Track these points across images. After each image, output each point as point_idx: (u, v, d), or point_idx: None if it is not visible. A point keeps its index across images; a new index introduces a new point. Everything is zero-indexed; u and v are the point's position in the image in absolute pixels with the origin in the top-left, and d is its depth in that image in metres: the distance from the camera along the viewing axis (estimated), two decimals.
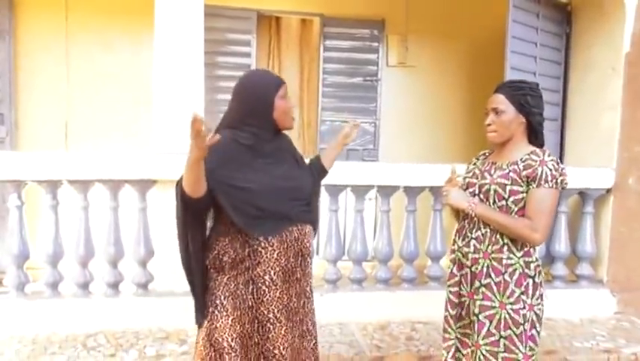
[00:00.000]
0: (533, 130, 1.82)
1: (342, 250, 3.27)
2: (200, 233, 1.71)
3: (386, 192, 3.26)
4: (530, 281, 1.76)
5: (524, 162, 1.75)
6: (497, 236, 1.77)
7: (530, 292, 1.75)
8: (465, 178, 1.91)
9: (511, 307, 1.74)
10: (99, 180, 2.91)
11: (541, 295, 1.79)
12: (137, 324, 2.91)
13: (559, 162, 1.76)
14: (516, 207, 1.76)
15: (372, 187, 3.25)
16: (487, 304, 1.77)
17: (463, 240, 1.86)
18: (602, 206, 3.53)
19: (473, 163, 1.97)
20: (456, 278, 1.88)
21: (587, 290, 3.47)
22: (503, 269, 1.76)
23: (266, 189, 1.64)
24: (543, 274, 1.83)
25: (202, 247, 1.72)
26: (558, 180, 1.73)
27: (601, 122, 3.59)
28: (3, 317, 2.82)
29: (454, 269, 1.89)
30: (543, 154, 1.75)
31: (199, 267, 1.72)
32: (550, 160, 1.73)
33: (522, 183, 1.75)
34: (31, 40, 4.25)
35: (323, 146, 4.58)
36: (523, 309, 1.74)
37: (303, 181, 1.79)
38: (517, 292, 1.74)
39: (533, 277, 1.76)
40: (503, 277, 1.76)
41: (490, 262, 1.78)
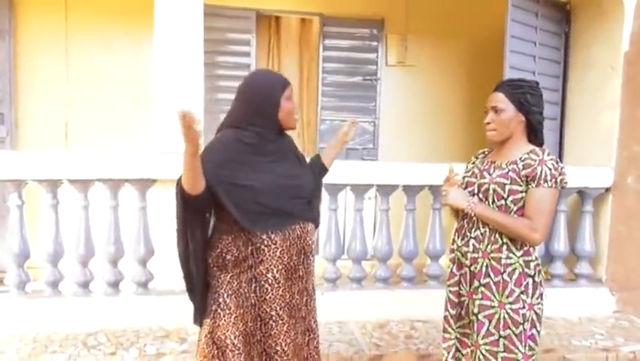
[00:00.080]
0: (533, 129, 1.81)
1: (341, 248, 3.27)
2: (201, 231, 1.71)
3: (385, 191, 3.27)
4: (530, 280, 1.75)
5: (523, 161, 1.74)
6: (496, 235, 1.77)
7: (530, 291, 1.75)
8: (464, 177, 1.91)
9: (510, 307, 1.73)
10: (99, 180, 2.92)
11: (542, 294, 1.78)
12: (137, 323, 2.92)
13: (558, 161, 1.75)
14: (515, 206, 1.75)
15: (371, 186, 3.26)
16: (487, 303, 1.77)
17: (463, 239, 1.86)
18: (601, 205, 3.53)
19: (472, 162, 1.96)
20: (456, 278, 1.88)
21: (586, 289, 3.48)
22: (502, 269, 1.75)
23: (268, 186, 1.65)
24: (543, 273, 1.82)
25: (202, 246, 1.72)
26: (557, 180, 1.72)
27: (600, 121, 3.59)
28: (4, 315, 2.83)
29: (454, 269, 1.89)
30: (542, 153, 1.74)
31: (199, 265, 1.72)
32: (550, 159, 1.72)
33: (521, 182, 1.74)
34: (31, 40, 4.26)
35: (323, 145, 4.59)
36: (523, 309, 1.73)
37: (304, 179, 1.80)
38: (516, 292, 1.73)
39: (533, 276, 1.76)
40: (502, 277, 1.75)
41: (489, 261, 1.77)
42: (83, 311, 2.90)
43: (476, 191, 1.82)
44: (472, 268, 1.82)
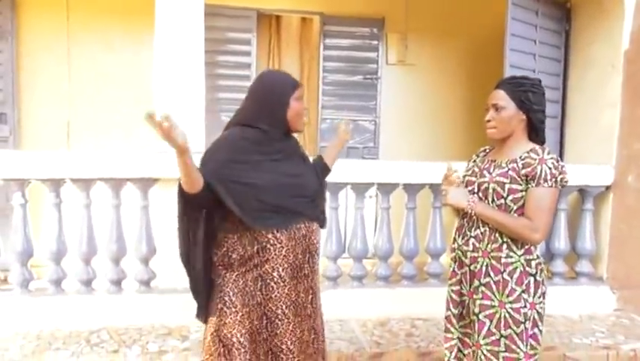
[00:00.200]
0: (534, 127, 1.79)
1: (342, 247, 3.28)
2: (202, 230, 1.72)
3: (386, 189, 3.28)
4: (532, 279, 1.74)
5: (523, 160, 1.73)
6: (496, 235, 1.76)
7: (532, 290, 1.73)
8: (464, 176, 1.90)
9: (510, 306, 1.72)
10: (101, 179, 2.93)
11: (544, 293, 1.77)
12: (139, 320, 2.94)
13: (559, 159, 1.73)
14: (515, 205, 1.74)
15: (372, 185, 3.26)
16: (487, 303, 1.76)
17: (463, 238, 1.85)
18: (601, 203, 3.54)
19: (473, 160, 1.96)
20: (457, 277, 1.88)
21: (587, 287, 3.48)
22: (502, 268, 1.75)
23: (269, 184, 1.66)
24: (545, 272, 1.81)
25: (204, 244, 1.73)
26: (558, 179, 1.70)
27: (600, 120, 3.60)
28: (8, 313, 2.85)
29: (455, 268, 1.89)
30: (542, 152, 1.72)
31: (202, 264, 1.74)
32: (550, 158, 1.71)
33: (521, 181, 1.72)
34: (33, 41, 4.28)
35: (324, 144, 4.60)
36: (524, 308, 1.72)
37: (307, 178, 1.81)
38: (517, 291, 1.72)
39: (534, 275, 1.75)
40: (502, 276, 1.74)
41: (489, 260, 1.77)
42: (86, 309, 2.92)
43: (476, 190, 1.81)
44: (471, 268, 1.81)
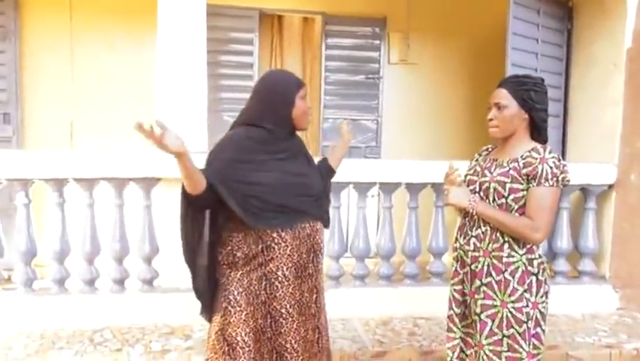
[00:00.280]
0: (536, 126, 1.78)
1: (344, 246, 3.28)
2: (205, 230, 1.73)
3: (388, 188, 3.28)
4: (534, 279, 1.73)
5: (524, 159, 1.72)
6: (498, 234, 1.75)
7: (534, 289, 1.73)
8: (466, 175, 1.90)
9: (512, 306, 1.71)
10: (104, 178, 2.94)
11: (546, 292, 1.76)
12: (142, 320, 2.95)
13: (560, 158, 1.72)
14: (516, 205, 1.73)
15: (374, 184, 3.26)
16: (489, 303, 1.76)
17: (464, 237, 1.85)
18: (604, 202, 3.53)
19: (475, 159, 1.95)
20: (459, 276, 1.87)
21: (590, 286, 3.48)
22: (504, 267, 1.74)
23: (273, 184, 1.67)
24: (548, 271, 1.79)
25: (208, 244, 1.74)
26: (559, 178, 1.69)
27: (603, 118, 3.59)
28: (12, 312, 2.86)
29: (458, 267, 1.88)
30: (544, 151, 1.71)
31: (206, 263, 1.74)
32: (551, 158, 1.69)
33: (522, 181, 1.71)
34: (36, 41, 4.30)
35: (326, 143, 4.59)
36: (527, 307, 1.71)
37: (312, 178, 1.82)
38: (519, 290, 1.72)
39: (537, 274, 1.74)
40: (504, 276, 1.74)
41: (490, 260, 1.76)
42: (89, 308, 2.93)
43: (477, 189, 1.81)
44: (472, 267, 1.81)
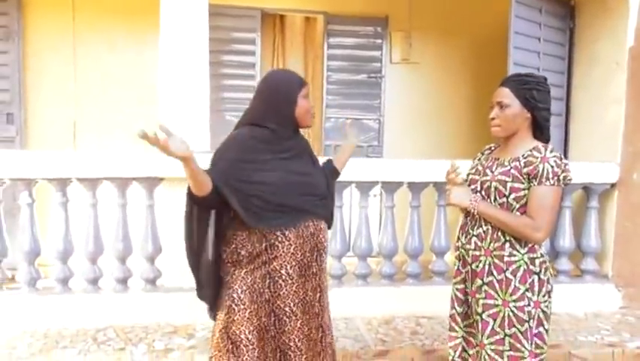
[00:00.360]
0: (539, 125, 1.77)
1: (347, 245, 3.29)
2: (211, 230, 1.74)
3: (390, 188, 3.28)
4: (536, 278, 1.72)
5: (526, 158, 1.72)
6: (499, 233, 1.75)
7: (536, 288, 1.72)
8: (468, 174, 1.90)
9: (514, 305, 1.71)
10: (107, 178, 2.96)
11: (549, 291, 1.75)
12: (145, 319, 2.96)
13: (562, 157, 1.71)
14: (517, 204, 1.73)
15: (376, 183, 3.27)
16: (490, 302, 1.75)
17: (466, 237, 1.85)
18: (606, 201, 3.53)
19: (478, 158, 1.95)
20: (461, 275, 1.87)
21: (592, 285, 3.47)
22: (505, 266, 1.73)
23: (277, 183, 1.67)
24: (551, 270, 1.78)
25: (213, 243, 1.75)
26: (560, 177, 1.68)
27: (605, 117, 3.59)
28: (15, 312, 2.88)
29: (460, 266, 1.88)
30: (545, 150, 1.70)
31: (211, 262, 1.75)
32: (553, 156, 1.69)
33: (523, 180, 1.71)
34: (39, 41, 4.31)
35: (328, 142, 4.60)
36: (528, 306, 1.71)
37: (316, 178, 1.82)
38: (521, 289, 1.71)
39: (538, 273, 1.73)
40: (505, 275, 1.73)
41: (491, 259, 1.76)
42: (93, 308, 2.95)
43: (479, 188, 1.81)
44: (473, 267, 1.81)
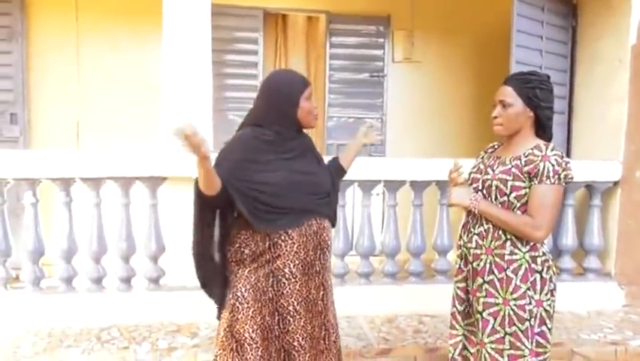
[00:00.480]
0: (541, 124, 1.77)
1: (349, 244, 3.30)
2: (218, 228, 1.75)
3: (393, 186, 3.29)
4: (537, 276, 1.71)
5: (527, 157, 1.71)
6: (500, 232, 1.74)
7: (538, 287, 1.71)
8: (470, 173, 1.90)
9: (514, 303, 1.70)
10: (111, 178, 2.97)
11: (552, 290, 1.74)
12: (149, 318, 2.97)
13: (563, 156, 1.70)
14: (518, 202, 1.73)
15: (379, 182, 3.27)
16: (491, 301, 1.75)
17: (467, 235, 1.85)
18: (609, 199, 3.52)
19: (480, 157, 1.95)
20: (463, 274, 1.88)
21: (595, 283, 3.47)
22: (506, 265, 1.73)
23: (282, 184, 1.68)
24: (554, 269, 1.78)
25: (220, 242, 1.76)
26: (561, 176, 1.68)
27: (608, 115, 3.58)
28: (19, 311, 2.89)
29: (461, 265, 1.89)
30: (546, 149, 1.70)
31: (217, 261, 1.76)
32: (554, 155, 1.68)
33: (524, 178, 1.70)
34: (42, 41, 4.32)
35: (330, 142, 4.61)
36: (529, 305, 1.70)
37: (321, 177, 1.82)
38: (522, 288, 1.70)
39: (540, 272, 1.72)
40: (506, 273, 1.73)
41: (492, 258, 1.76)
42: (97, 307, 2.96)
43: (480, 187, 1.81)
44: (474, 265, 1.81)
